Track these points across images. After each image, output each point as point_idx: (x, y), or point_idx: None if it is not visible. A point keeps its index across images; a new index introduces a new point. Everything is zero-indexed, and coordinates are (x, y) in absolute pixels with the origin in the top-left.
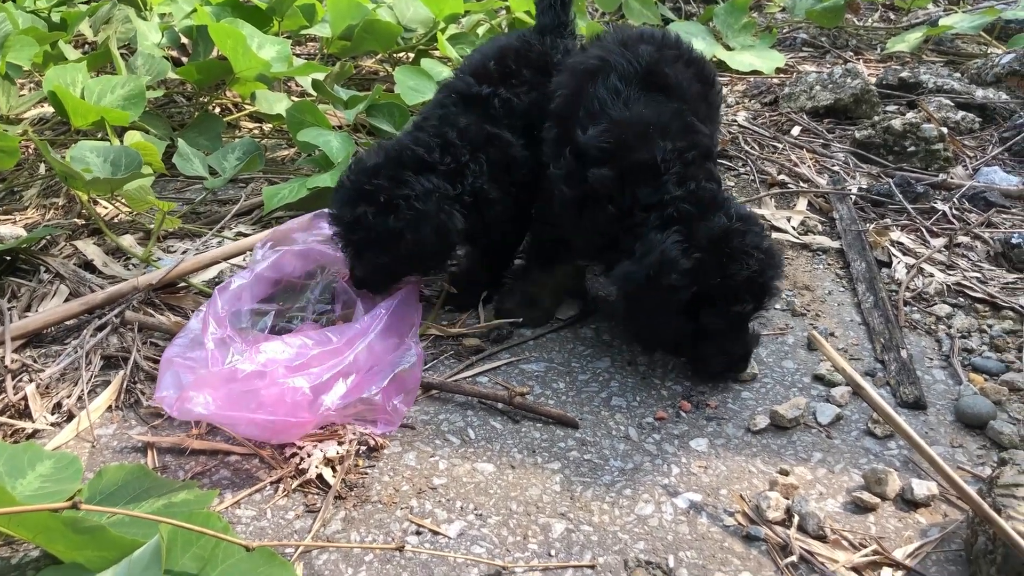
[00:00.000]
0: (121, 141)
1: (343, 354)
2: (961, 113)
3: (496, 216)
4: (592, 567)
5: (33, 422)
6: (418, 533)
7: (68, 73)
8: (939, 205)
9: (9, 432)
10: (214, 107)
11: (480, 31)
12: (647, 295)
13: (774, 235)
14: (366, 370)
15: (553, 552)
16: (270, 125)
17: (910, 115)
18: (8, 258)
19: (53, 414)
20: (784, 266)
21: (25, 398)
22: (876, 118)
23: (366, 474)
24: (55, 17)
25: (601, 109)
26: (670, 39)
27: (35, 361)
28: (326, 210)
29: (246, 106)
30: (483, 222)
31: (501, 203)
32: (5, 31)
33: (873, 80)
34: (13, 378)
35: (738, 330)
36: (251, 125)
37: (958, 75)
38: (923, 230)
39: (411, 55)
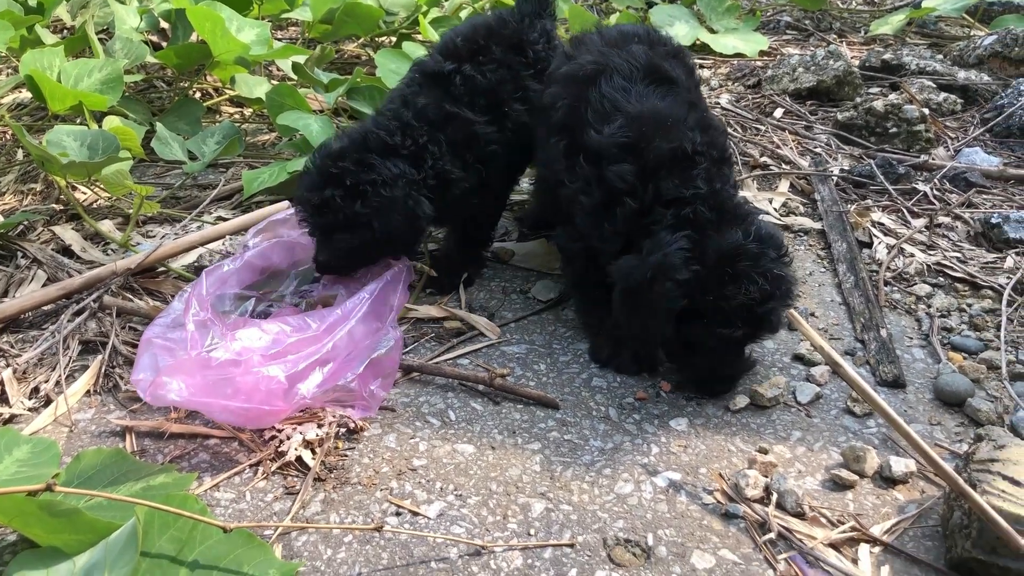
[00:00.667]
0: (100, 126)
1: (321, 341)
2: (943, 95)
3: (462, 195)
4: (571, 545)
5: (10, 407)
6: (398, 514)
7: (45, 57)
8: (920, 186)
9: None
10: (194, 92)
11: (463, 15)
12: (642, 295)
13: None
14: (344, 356)
15: (532, 531)
16: (251, 109)
17: (892, 96)
18: None
19: (31, 399)
20: (793, 298)
21: (1, 383)
22: (858, 100)
23: (346, 456)
24: (32, 1)
25: (613, 108)
26: (656, 35)
27: (12, 346)
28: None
29: (226, 90)
30: (449, 202)
31: (465, 181)
32: None
33: (856, 62)
34: None
35: (728, 352)
36: (232, 110)
37: (940, 57)
38: (904, 211)
39: (393, 39)
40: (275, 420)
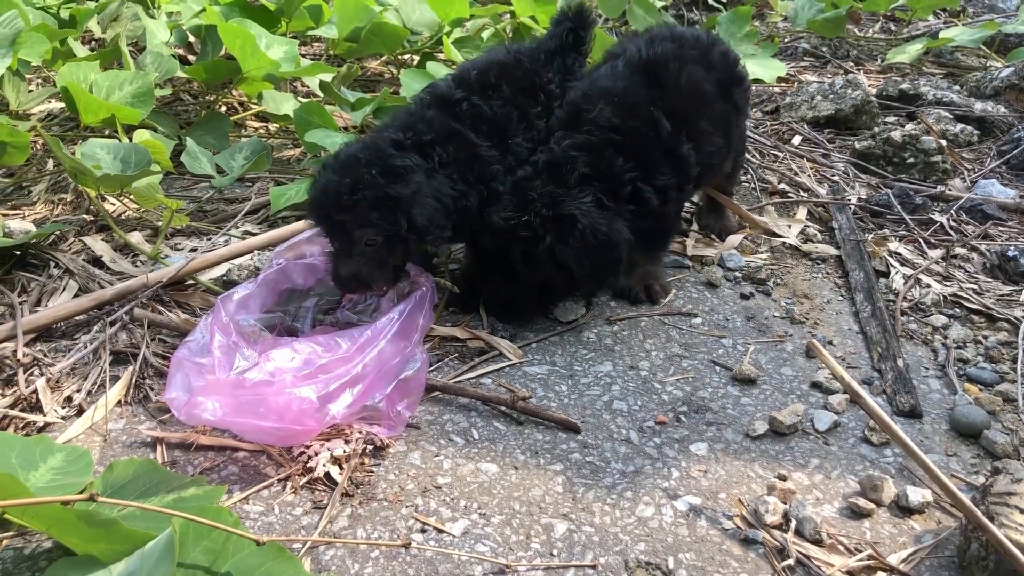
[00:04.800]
0: (129, 139)
1: (352, 362)
2: (960, 126)
3: (466, 210)
4: (593, 567)
5: (44, 415)
6: (423, 531)
7: (81, 70)
8: (937, 217)
9: (21, 425)
10: (220, 106)
11: (485, 35)
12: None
13: (776, 242)
14: (373, 376)
15: (555, 552)
16: (276, 125)
17: (909, 127)
18: (18, 253)
19: (63, 408)
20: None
21: (36, 392)
22: (876, 129)
23: (372, 472)
24: (64, 14)
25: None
26: (697, 40)
27: (45, 355)
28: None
29: (252, 105)
30: (458, 211)
31: (467, 198)
32: (16, 28)
33: (873, 91)
34: (24, 372)
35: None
36: (256, 124)
37: (957, 88)
38: (921, 241)
39: (416, 58)
40: (305, 439)
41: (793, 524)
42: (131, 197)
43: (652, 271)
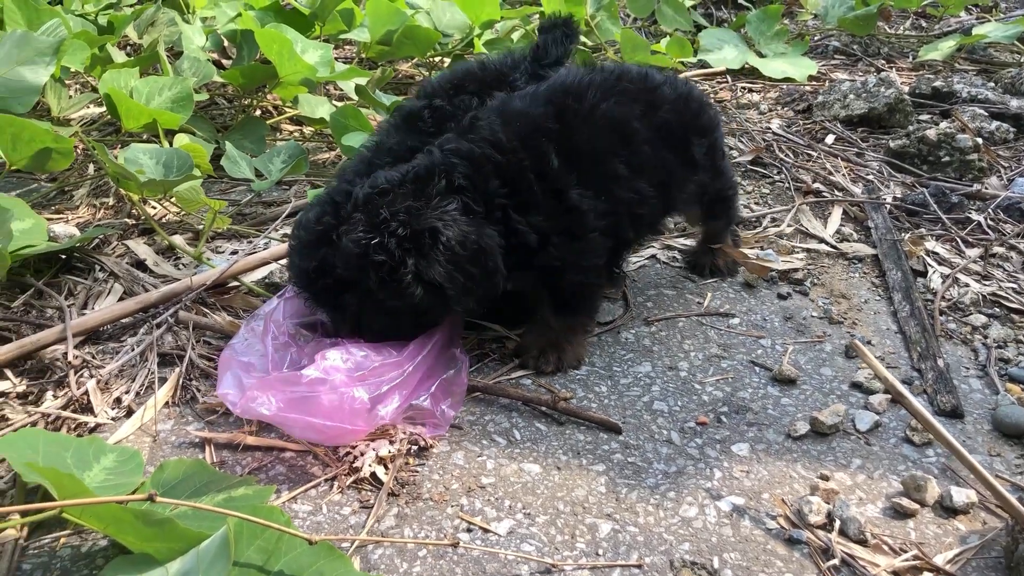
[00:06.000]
0: (170, 144)
1: (402, 367)
2: (995, 123)
3: None
4: (639, 567)
5: (95, 416)
6: (469, 530)
7: (122, 77)
8: (974, 215)
9: (73, 426)
10: (255, 110)
11: (515, 36)
12: None
13: (811, 242)
14: (420, 377)
15: (601, 551)
16: (310, 129)
17: (944, 125)
18: (63, 257)
19: (113, 409)
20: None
21: (87, 393)
22: (910, 128)
23: (416, 472)
24: (102, 20)
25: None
26: (644, 78)
27: (94, 357)
28: None
29: (286, 109)
30: None
31: None
32: (60, 35)
33: (906, 88)
34: (75, 373)
35: None
36: (291, 128)
37: (992, 85)
38: (958, 240)
39: (446, 60)
40: (354, 439)
41: (837, 524)
42: (172, 200)
43: (563, 340)
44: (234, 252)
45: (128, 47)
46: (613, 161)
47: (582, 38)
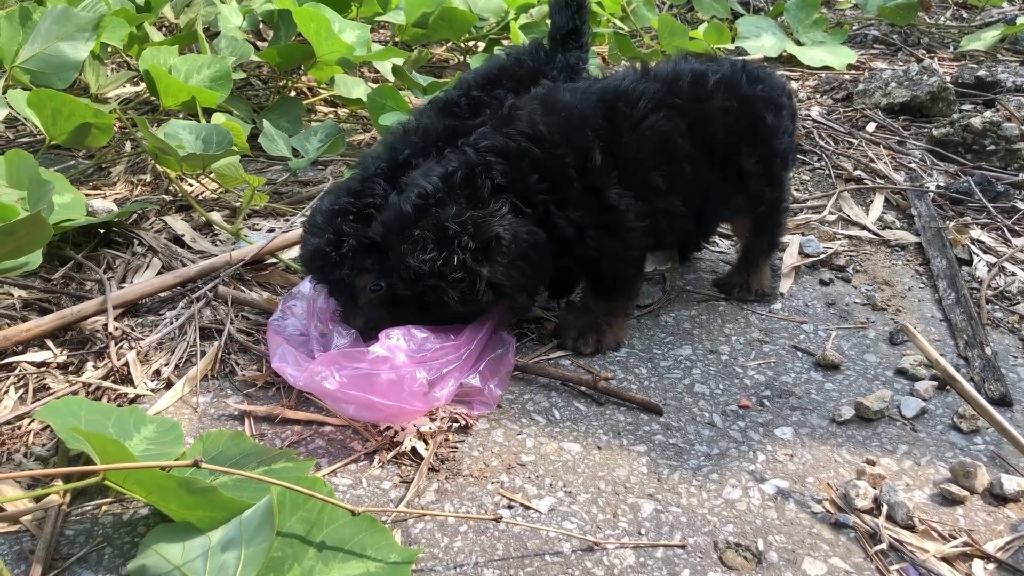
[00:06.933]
0: (207, 122)
1: (460, 351)
2: None
3: None
4: (683, 547)
5: (135, 388)
6: (510, 507)
7: (161, 55)
8: (1020, 204)
9: (113, 396)
10: (290, 91)
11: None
12: None
13: (853, 229)
14: (473, 357)
15: (643, 531)
16: (345, 110)
17: (988, 113)
18: (102, 231)
19: (152, 381)
20: None
21: (127, 364)
22: (955, 116)
23: (456, 448)
24: (139, 0)
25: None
26: (697, 84)
27: (133, 329)
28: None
29: (321, 91)
30: None
31: None
32: (100, 12)
33: (948, 78)
34: (115, 344)
35: None
36: (326, 109)
37: None
38: (1004, 229)
39: (481, 44)
40: (409, 419)
41: (884, 509)
42: (210, 177)
43: (603, 322)
44: (271, 230)
45: (164, 27)
46: (653, 174)
47: (618, 23)
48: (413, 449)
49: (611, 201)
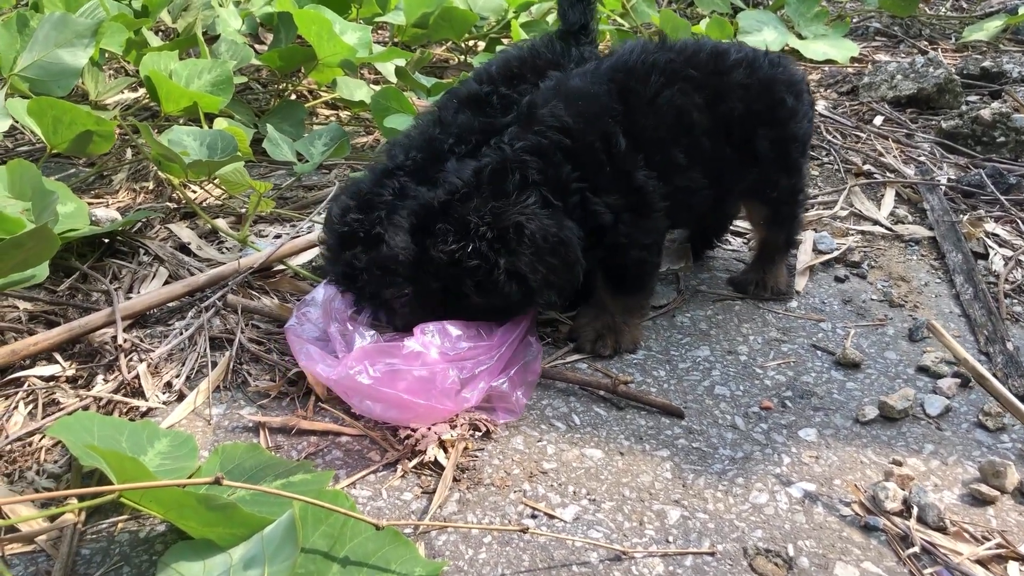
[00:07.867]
0: (209, 127)
1: (492, 352)
2: None
3: None
4: (712, 554)
5: (146, 401)
6: (534, 516)
7: (161, 60)
8: None
9: (124, 410)
10: (291, 94)
11: (550, 19)
12: None
13: (865, 224)
14: (504, 362)
15: (671, 538)
16: (347, 113)
17: (997, 105)
18: (107, 241)
19: (164, 393)
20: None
21: (138, 377)
22: (963, 108)
23: (476, 457)
24: (136, 4)
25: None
26: (715, 57)
27: (142, 341)
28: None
29: (322, 93)
30: None
31: None
32: (99, 17)
33: (953, 69)
34: (125, 357)
35: None
36: (327, 113)
37: None
38: (1019, 221)
39: (482, 44)
40: (439, 419)
41: (915, 511)
42: (215, 183)
43: (620, 322)
44: (277, 236)
45: (161, 32)
46: (673, 149)
47: (619, 20)
48: (434, 459)
49: (639, 183)
